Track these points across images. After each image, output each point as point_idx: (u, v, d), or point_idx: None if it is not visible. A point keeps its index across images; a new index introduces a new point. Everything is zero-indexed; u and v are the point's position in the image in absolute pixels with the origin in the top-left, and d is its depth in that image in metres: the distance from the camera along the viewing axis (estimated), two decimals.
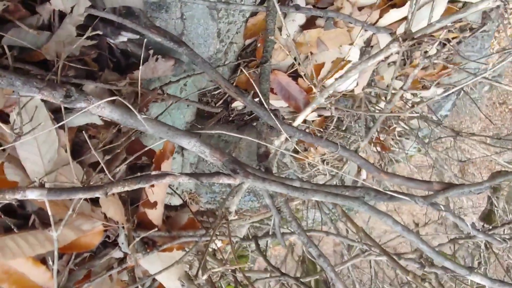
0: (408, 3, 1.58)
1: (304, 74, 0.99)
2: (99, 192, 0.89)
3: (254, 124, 2.09)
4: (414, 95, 2.71)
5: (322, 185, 1.11)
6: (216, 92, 1.95)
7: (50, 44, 0.97)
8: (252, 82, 1.02)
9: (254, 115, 2.08)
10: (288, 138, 1.08)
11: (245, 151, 2.06)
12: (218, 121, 2.05)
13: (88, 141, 0.86)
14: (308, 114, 1.08)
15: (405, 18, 1.63)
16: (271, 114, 1.04)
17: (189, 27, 1.33)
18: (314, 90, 1.02)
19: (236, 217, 1.32)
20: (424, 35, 0.87)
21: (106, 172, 0.89)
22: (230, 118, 2.05)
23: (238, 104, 1.97)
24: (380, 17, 1.60)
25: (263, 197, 2.36)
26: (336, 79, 1.01)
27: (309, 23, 1.70)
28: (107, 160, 1.15)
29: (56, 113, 1.07)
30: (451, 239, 1.55)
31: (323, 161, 3.04)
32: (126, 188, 0.93)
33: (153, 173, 0.97)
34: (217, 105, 1.93)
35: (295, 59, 1.45)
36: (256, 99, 1.49)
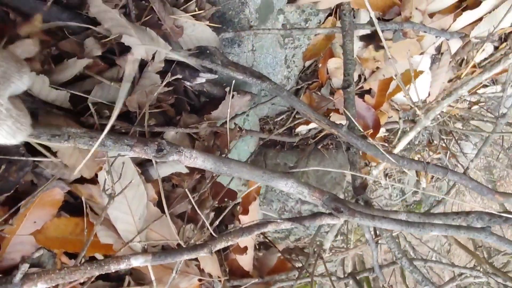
0: (483, 3, 1.46)
1: (405, 96, 0.90)
2: (204, 251, 0.82)
3: (319, 147, 2.00)
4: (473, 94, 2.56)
5: (432, 215, 1.00)
6: (278, 119, 1.88)
7: (133, 95, 0.92)
8: (342, 107, 0.93)
9: (317, 138, 1.99)
10: (396, 167, 0.98)
11: (313, 177, 1.96)
12: (282, 147, 1.97)
13: (190, 191, 0.79)
14: (412, 137, 0.98)
15: (479, 19, 1.51)
16: (375, 144, 0.95)
17: (258, 57, 1.26)
18: (418, 112, 0.92)
19: (331, 253, 1.22)
20: None
21: (209, 227, 0.82)
22: (294, 144, 1.97)
23: (302, 129, 1.89)
24: (453, 21, 1.49)
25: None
26: (451, 91, 0.91)
27: (375, 37, 1.60)
28: (193, 208, 1.08)
29: (140, 166, 1.02)
30: None
31: (385, 175, 2.92)
32: (230, 243, 0.86)
33: (255, 222, 0.89)
34: (281, 131, 1.85)
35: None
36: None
